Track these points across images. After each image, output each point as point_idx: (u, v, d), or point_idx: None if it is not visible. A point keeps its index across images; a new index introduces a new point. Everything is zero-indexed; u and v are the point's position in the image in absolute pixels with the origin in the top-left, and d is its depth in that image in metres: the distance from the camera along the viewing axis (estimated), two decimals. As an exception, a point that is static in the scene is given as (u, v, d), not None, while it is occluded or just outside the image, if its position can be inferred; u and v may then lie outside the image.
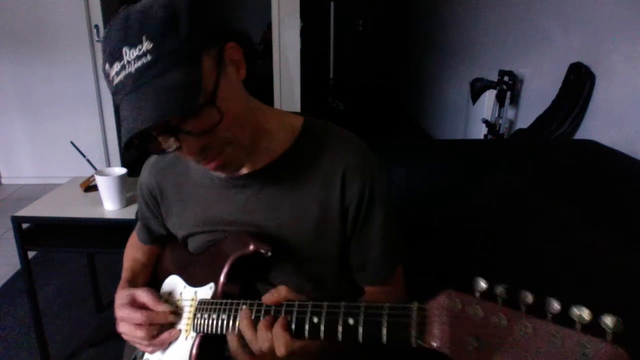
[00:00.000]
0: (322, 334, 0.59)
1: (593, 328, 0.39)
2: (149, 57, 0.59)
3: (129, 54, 0.60)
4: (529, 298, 0.43)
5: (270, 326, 0.63)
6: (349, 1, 5.72)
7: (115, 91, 0.62)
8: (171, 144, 0.66)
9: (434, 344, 0.48)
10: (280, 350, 0.60)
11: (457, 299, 0.47)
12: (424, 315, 0.49)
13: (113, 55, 0.61)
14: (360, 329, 0.55)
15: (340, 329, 0.57)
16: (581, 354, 0.39)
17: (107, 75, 0.63)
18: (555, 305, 0.41)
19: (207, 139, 0.66)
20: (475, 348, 0.44)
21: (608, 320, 0.39)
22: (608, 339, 0.39)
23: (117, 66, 0.61)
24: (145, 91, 0.60)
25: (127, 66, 0.60)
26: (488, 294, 0.45)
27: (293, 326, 0.62)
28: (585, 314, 0.40)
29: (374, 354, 0.88)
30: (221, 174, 0.75)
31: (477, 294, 0.46)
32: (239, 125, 0.69)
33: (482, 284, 0.46)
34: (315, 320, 0.60)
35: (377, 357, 0.86)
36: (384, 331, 0.53)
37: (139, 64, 0.59)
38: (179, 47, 0.60)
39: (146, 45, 0.59)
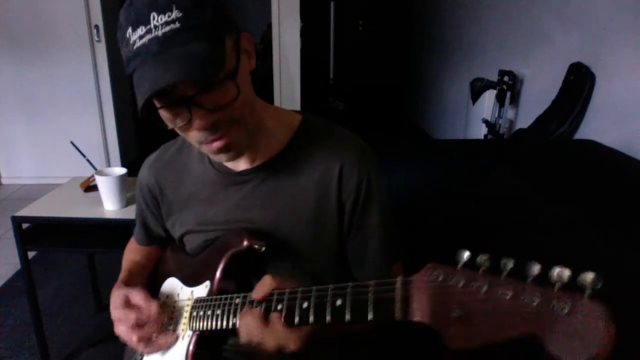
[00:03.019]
0: (311, 318, 0.59)
1: (574, 288, 0.39)
2: (177, 25, 0.61)
3: (157, 19, 0.61)
4: (510, 264, 0.43)
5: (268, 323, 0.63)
6: (349, 1, 5.72)
7: (136, 54, 0.62)
8: (180, 121, 0.66)
9: (416, 317, 0.48)
10: (291, 347, 0.61)
11: (439, 270, 0.47)
12: (408, 289, 0.50)
13: (138, 19, 0.62)
14: (348, 309, 0.55)
15: (328, 310, 0.57)
16: (560, 310, 0.39)
17: (127, 40, 0.63)
18: (535, 268, 0.42)
19: (218, 115, 0.66)
20: (458, 317, 0.44)
21: (587, 277, 0.39)
22: (587, 296, 0.38)
23: (141, 30, 0.61)
24: (171, 54, 0.61)
25: (153, 30, 0.61)
26: (471, 265, 0.45)
27: (283, 313, 0.62)
28: (565, 273, 0.40)
29: (373, 344, 0.88)
30: (223, 158, 0.75)
31: (460, 265, 0.46)
32: (248, 108, 0.71)
33: (465, 255, 0.46)
34: (305, 305, 0.60)
35: (376, 347, 0.86)
36: (370, 308, 0.53)
37: (167, 29, 0.61)
38: (206, 23, 0.62)
39: (176, 14, 0.61)
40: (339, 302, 0.56)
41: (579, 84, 1.92)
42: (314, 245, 0.80)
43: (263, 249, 0.75)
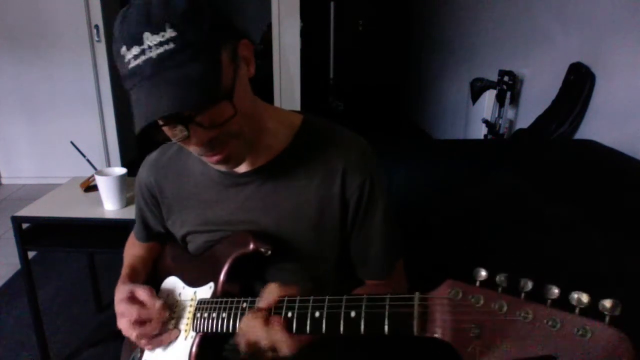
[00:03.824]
0: (323, 328, 0.58)
1: (592, 312, 0.40)
2: (171, 45, 0.59)
3: (151, 39, 0.59)
4: (529, 285, 0.44)
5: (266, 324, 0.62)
6: (349, 1, 5.72)
7: (131, 74, 0.62)
8: (179, 133, 0.65)
9: (436, 334, 0.48)
10: (284, 351, 0.60)
11: (458, 288, 0.47)
12: (426, 305, 0.50)
13: (132, 38, 0.60)
14: (362, 321, 0.55)
15: (342, 322, 0.57)
16: (580, 336, 0.39)
17: (121, 57, 0.62)
18: (555, 291, 0.42)
19: (216, 132, 0.66)
20: (477, 335, 0.45)
21: (607, 303, 0.39)
22: (606, 322, 0.39)
23: (135, 50, 0.60)
24: (166, 78, 0.60)
25: (147, 51, 0.59)
26: (489, 283, 0.46)
27: (294, 322, 0.61)
28: (584, 298, 0.40)
29: (373, 344, 0.88)
30: (222, 168, 0.75)
31: (478, 283, 0.46)
32: (247, 121, 0.70)
33: (483, 273, 0.46)
34: (317, 314, 0.59)
35: (376, 347, 0.86)
36: (386, 322, 0.53)
37: (160, 50, 0.59)
38: (201, 39, 0.61)
39: (169, 33, 0.59)
40: (353, 314, 0.56)
41: (579, 84, 1.92)
42: (317, 246, 0.80)
43: (269, 252, 0.75)
